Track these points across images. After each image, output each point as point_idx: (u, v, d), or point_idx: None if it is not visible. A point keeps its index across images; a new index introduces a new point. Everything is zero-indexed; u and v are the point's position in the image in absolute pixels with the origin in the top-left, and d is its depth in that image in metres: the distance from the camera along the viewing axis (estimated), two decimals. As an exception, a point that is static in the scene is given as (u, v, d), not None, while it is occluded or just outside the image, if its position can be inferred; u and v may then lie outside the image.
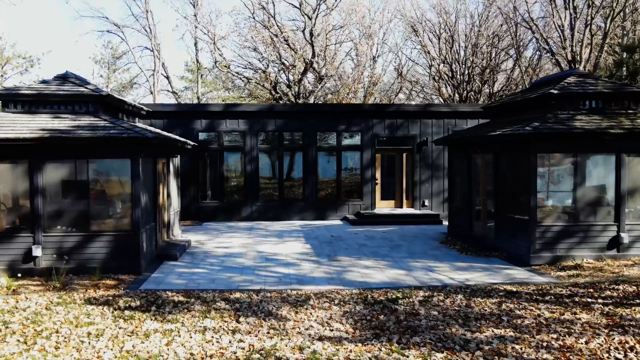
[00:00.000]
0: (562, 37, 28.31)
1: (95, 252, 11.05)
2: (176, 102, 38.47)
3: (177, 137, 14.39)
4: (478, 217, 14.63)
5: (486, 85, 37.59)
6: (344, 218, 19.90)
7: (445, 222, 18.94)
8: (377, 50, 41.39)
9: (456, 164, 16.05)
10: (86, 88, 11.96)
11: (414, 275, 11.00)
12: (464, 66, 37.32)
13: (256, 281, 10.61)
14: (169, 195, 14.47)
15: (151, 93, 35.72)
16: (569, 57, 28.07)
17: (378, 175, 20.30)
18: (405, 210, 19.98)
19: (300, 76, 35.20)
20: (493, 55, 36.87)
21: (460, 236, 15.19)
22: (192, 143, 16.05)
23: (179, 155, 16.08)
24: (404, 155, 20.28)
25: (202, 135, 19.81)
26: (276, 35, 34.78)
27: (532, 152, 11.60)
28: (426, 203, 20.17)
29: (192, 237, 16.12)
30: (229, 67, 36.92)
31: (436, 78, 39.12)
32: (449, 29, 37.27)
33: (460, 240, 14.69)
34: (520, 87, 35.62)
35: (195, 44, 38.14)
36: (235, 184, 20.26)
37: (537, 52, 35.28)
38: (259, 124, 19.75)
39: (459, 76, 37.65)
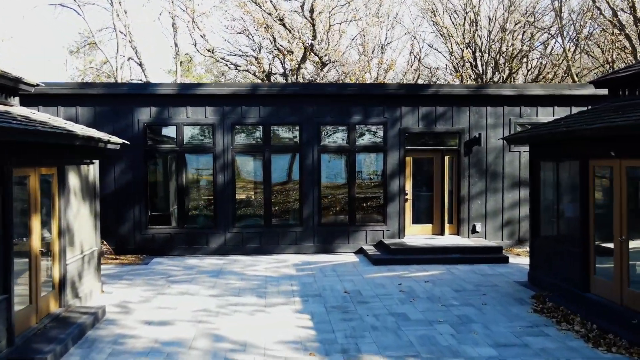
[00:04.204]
0: (633, 9, 22.08)
1: None
2: (113, 82, 31.58)
3: (62, 129, 8.08)
4: (602, 263, 8.42)
5: (513, 75, 31.52)
6: (360, 251, 13.67)
7: (513, 260, 12.73)
8: (386, 37, 35.26)
9: (549, 175, 9.85)
10: None
11: None
12: (486, 54, 31.23)
13: None
14: (63, 233, 8.24)
15: (115, 81, 29.42)
16: (642, 32, 21.92)
17: (408, 187, 14.09)
18: (449, 239, 13.75)
19: (298, 63, 29.08)
20: (527, 37, 30.77)
21: (561, 294, 9.00)
22: (118, 141, 9.82)
23: (96, 161, 9.84)
24: (447, 158, 14.05)
25: (151, 130, 13.61)
26: (270, 14, 28.66)
27: None
28: (478, 228, 13.95)
29: (118, 294, 9.88)
30: (212, 52, 30.75)
31: (458, 66, 33.02)
32: (473, 10, 31.13)
33: (566, 306, 8.48)
34: (563, 77, 29.43)
35: (173, 24, 31.85)
36: (201, 202, 14.03)
37: (575, 37, 28.91)
38: (236, 113, 13.53)
39: (480, 66, 31.59)
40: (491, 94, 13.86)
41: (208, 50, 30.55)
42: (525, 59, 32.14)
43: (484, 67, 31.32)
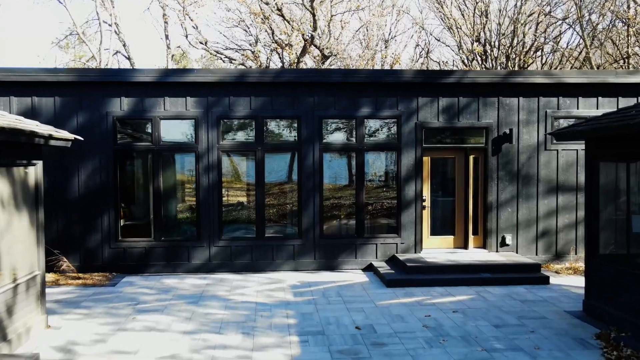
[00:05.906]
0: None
1: None
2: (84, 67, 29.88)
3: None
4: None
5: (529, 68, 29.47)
6: (370, 267, 11.58)
7: (554, 280, 10.63)
8: (390, 30, 33.24)
9: (615, 178, 7.77)
10: None
11: None
12: (496, 48, 29.22)
13: None
14: (-20, 256, 6.16)
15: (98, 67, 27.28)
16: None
17: (426, 191, 12.00)
18: (475, 253, 11.66)
19: (297, 57, 27.05)
20: (541, 29, 28.74)
21: (638, 335, 6.93)
22: (66, 136, 7.75)
23: (38, 162, 7.76)
24: (471, 158, 11.96)
25: (122, 125, 11.52)
26: (267, 3, 26.63)
27: None
28: (508, 240, 11.86)
29: (68, 329, 7.76)
30: (205, 44, 28.71)
31: (467, 61, 30.99)
32: (483, 0, 29.08)
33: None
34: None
35: (164, 14, 29.76)
36: (181, 210, 11.95)
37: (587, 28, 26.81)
38: (223, 105, 11.45)
39: (491, 60, 29.56)
40: (523, 82, 11.74)
41: (201, 43, 28.52)
42: (540, 52, 30.16)
43: (494, 61, 29.37)
